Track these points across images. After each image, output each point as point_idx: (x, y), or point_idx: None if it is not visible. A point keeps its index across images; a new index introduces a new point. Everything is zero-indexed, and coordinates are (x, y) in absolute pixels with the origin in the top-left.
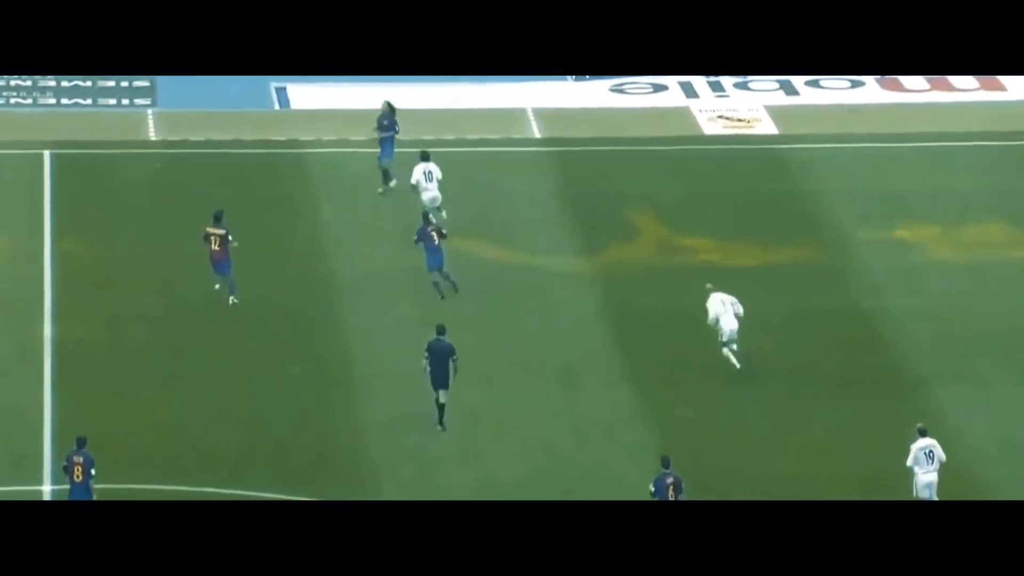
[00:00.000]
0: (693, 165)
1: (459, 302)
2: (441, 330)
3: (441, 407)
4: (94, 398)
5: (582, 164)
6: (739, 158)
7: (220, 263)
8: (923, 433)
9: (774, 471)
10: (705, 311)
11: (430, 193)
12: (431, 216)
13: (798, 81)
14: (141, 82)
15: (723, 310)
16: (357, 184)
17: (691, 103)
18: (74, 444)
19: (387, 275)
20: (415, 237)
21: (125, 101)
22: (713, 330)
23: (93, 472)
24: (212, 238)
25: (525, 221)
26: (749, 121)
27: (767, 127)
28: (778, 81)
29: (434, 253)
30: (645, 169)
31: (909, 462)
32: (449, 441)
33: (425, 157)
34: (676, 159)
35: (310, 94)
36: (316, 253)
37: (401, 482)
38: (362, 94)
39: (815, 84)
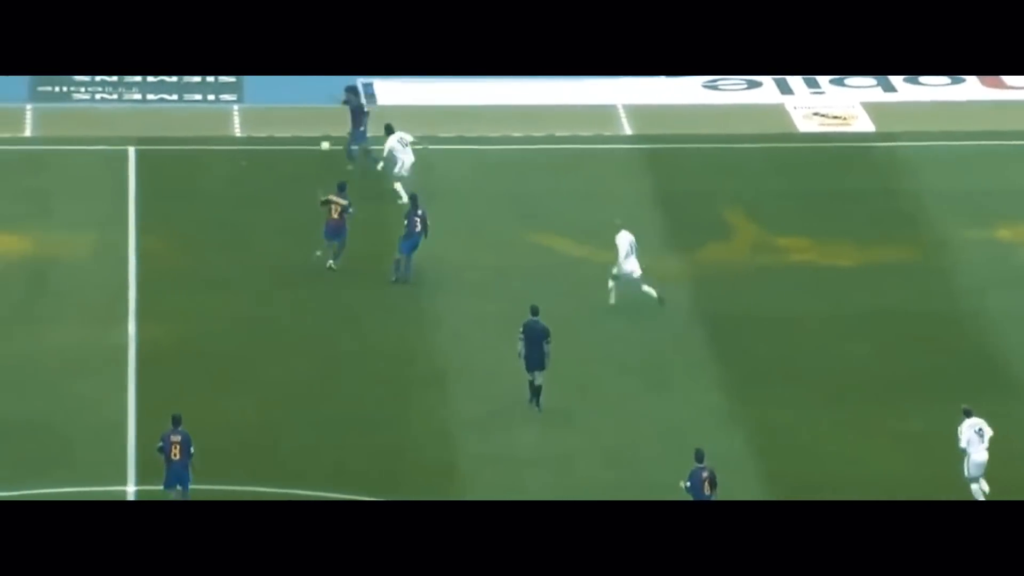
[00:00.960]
0: (788, 163)
1: (549, 302)
2: (535, 311)
3: (537, 389)
4: (177, 398)
5: (674, 162)
6: (835, 156)
7: (336, 230)
8: (968, 413)
9: (870, 474)
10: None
11: (410, 158)
12: (419, 201)
13: (896, 78)
14: (227, 78)
15: (631, 251)
16: (443, 180)
17: (786, 100)
18: (170, 423)
19: (472, 273)
20: (404, 220)
21: (211, 97)
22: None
23: (192, 451)
24: (333, 206)
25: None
26: (845, 118)
27: (864, 124)
28: (875, 78)
29: (412, 239)
30: (739, 167)
31: (963, 444)
32: (536, 443)
33: (390, 130)
34: (770, 157)
35: (396, 90)
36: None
37: (486, 484)
38: (449, 90)
39: (913, 81)
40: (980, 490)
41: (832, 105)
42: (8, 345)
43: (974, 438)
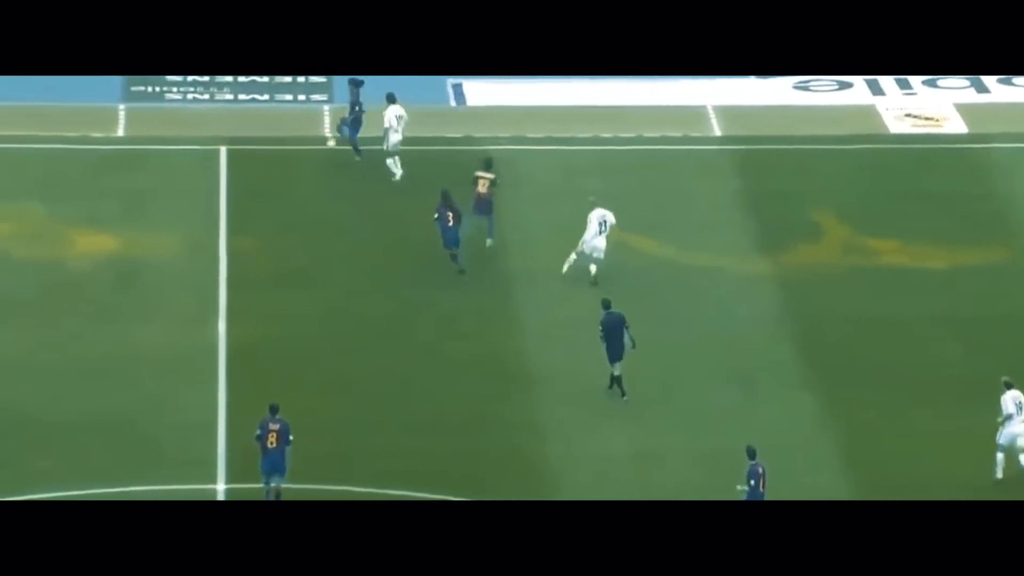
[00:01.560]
0: (879, 164)
1: (639, 303)
2: (607, 304)
3: (618, 379)
4: (267, 396)
5: (764, 163)
6: (927, 157)
7: (484, 205)
8: (1009, 385)
9: (960, 476)
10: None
11: (398, 136)
12: (449, 195)
13: (989, 79)
14: (318, 79)
15: (601, 230)
16: (533, 180)
17: (877, 101)
18: (267, 412)
19: (559, 273)
20: (435, 215)
21: (302, 97)
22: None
23: (290, 439)
24: (481, 181)
25: (705, 221)
26: (937, 119)
27: (956, 125)
28: (968, 79)
29: (450, 232)
30: (829, 168)
31: (1008, 410)
32: (626, 443)
33: (391, 100)
34: (861, 158)
35: (486, 91)
36: (492, 251)
37: (577, 484)
38: (538, 91)
39: (1007, 82)
40: (1003, 463)
41: (924, 106)
42: (100, 344)
43: (1015, 410)
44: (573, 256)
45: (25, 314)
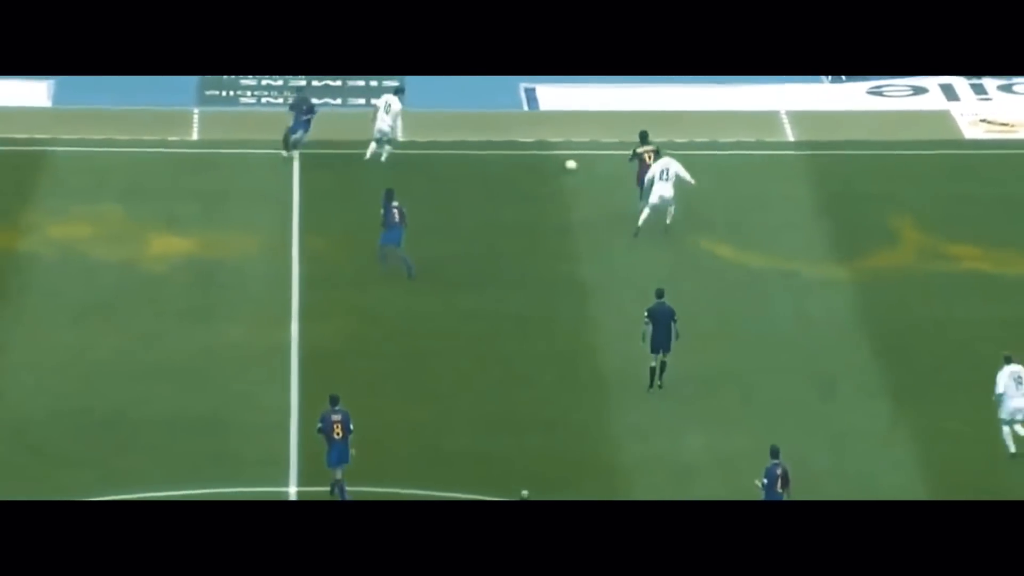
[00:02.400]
0: (954, 170)
1: (714, 308)
2: (660, 294)
3: (660, 368)
4: (341, 398)
5: (838, 168)
6: (1003, 163)
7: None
8: (1008, 360)
9: None
10: None
11: (385, 123)
12: (393, 194)
13: None
14: (390, 82)
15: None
16: (607, 185)
17: (952, 106)
18: (328, 403)
19: (637, 276)
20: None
21: (373, 101)
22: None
23: (352, 427)
24: (646, 154)
25: (780, 225)
26: (1013, 125)
27: None
28: None
29: (393, 231)
30: (904, 174)
31: (1000, 389)
32: (701, 448)
33: (398, 91)
34: (936, 164)
35: (559, 95)
36: (566, 254)
37: (651, 489)
38: (611, 95)
39: None
40: (1012, 434)
41: (999, 112)
42: (176, 344)
43: (1011, 384)
44: (646, 211)
45: (105, 315)
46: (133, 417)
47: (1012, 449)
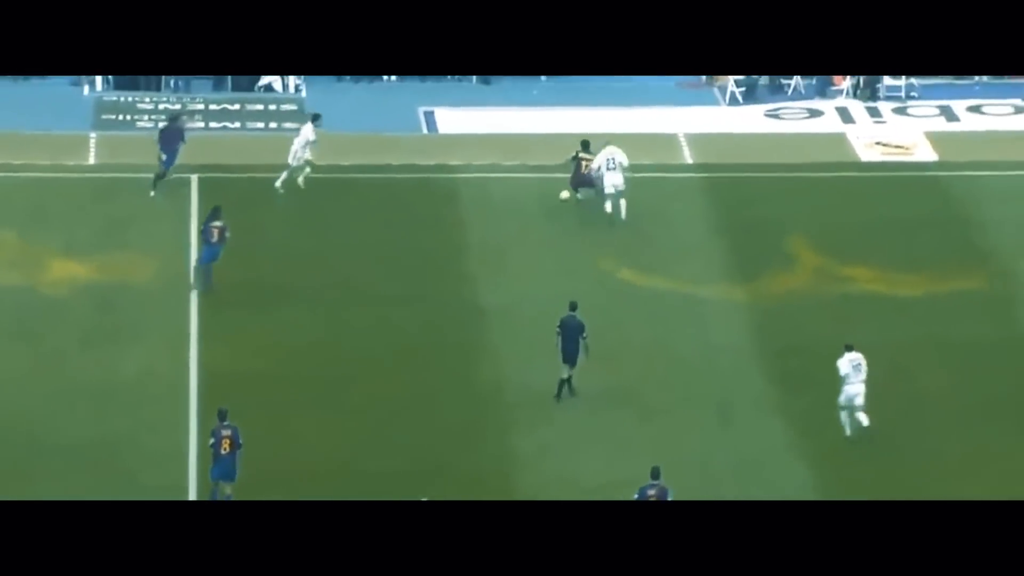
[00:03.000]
0: (850, 192)
1: (613, 329)
2: (573, 306)
3: (566, 381)
4: (241, 425)
5: (736, 191)
6: (898, 185)
7: (585, 178)
8: (849, 348)
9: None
10: None
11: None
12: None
13: (959, 107)
14: (288, 106)
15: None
16: (506, 208)
17: (847, 129)
18: (216, 418)
19: (536, 298)
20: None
21: (273, 125)
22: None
23: (241, 443)
24: (583, 162)
25: (679, 248)
26: (907, 147)
27: (926, 154)
28: (938, 107)
29: (210, 249)
30: (801, 196)
31: (842, 373)
32: (603, 470)
33: (314, 119)
34: (833, 186)
35: (458, 118)
36: (465, 276)
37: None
38: (510, 118)
39: (976, 110)
40: (848, 421)
41: (894, 135)
42: (75, 369)
43: (851, 371)
44: (608, 202)
45: (3, 341)
46: (32, 441)
47: (848, 432)
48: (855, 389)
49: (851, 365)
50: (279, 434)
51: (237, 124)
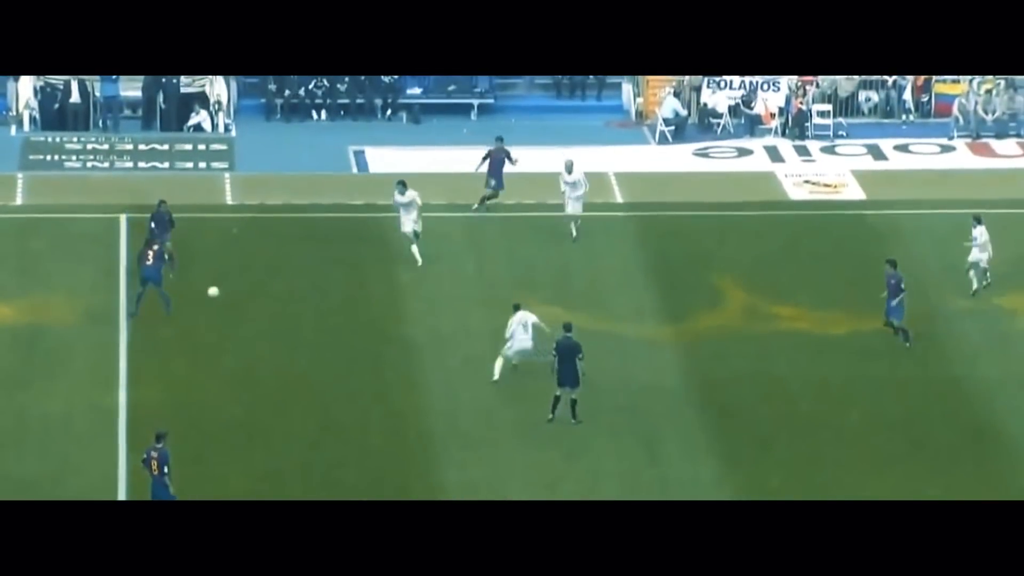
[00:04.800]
0: (779, 231)
1: (539, 368)
2: (568, 327)
3: (573, 403)
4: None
5: (665, 229)
6: (826, 224)
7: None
8: (516, 308)
9: None
10: None
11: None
12: (156, 232)
13: (886, 145)
14: (218, 145)
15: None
16: (436, 246)
17: (776, 168)
18: (153, 438)
19: (463, 337)
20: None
21: (202, 164)
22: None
23: (167, 469)
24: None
25: (608, 286)
26: (836, 186)
27: (854, 192)
28: (866, 146)
29: (148, 270)
30: (730, 235)
31: (507, 334)
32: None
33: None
34: (761, 224)
35: (388, 157)
36: (393, 315)
37: None
38: (439, 157)
39: (904, 149)
40: (503, 365)
41: (822, 173)
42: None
43: (519, 329)
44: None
45: None
46: None
47: (496, 377)
48: (522, 345)
49: (519, 324)
50: (205, 479)
51: (166, 164)
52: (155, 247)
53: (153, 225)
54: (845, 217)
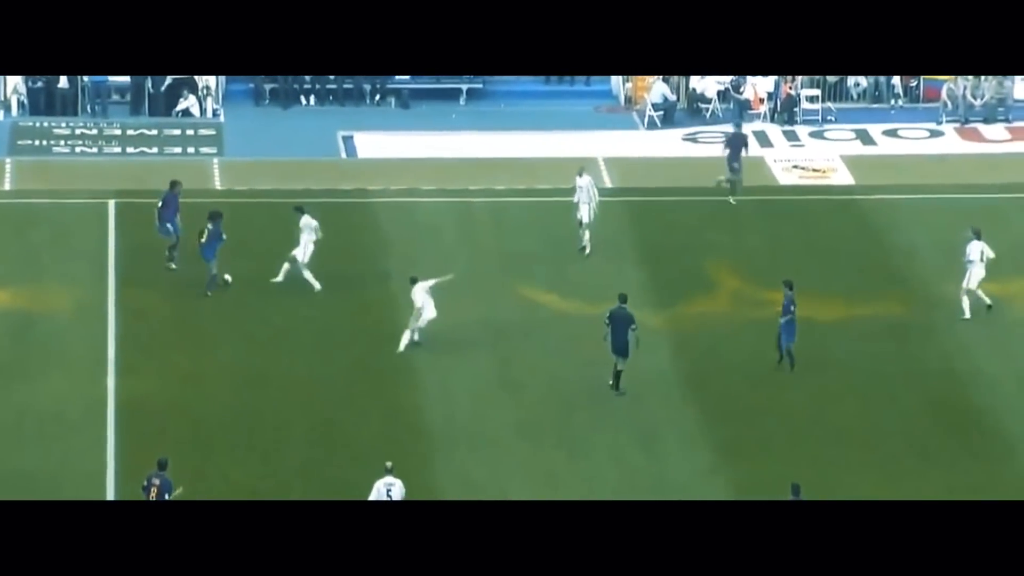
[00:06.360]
0: (768, 216)
1: (535, 356)
2: (623, 298)
3: (618, 374)
4: (157, 454)
5: (655, 214)
6: (815, 209)
7: None
8: (414, 281)
9: None
10: None
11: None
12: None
13: (875, 131)
14: (207, 130)
15: (427, 300)
16: (426, 233)
17: (765, 152)
18: (155, 466)
19: (456, 325)
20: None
21: (191, 150)
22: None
23: (167, 497)
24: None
25: (598, 272)
26: (825, 171)
27: (843, 177)
28: (854, 131)
29: (202, 248)
30: (719, 220)
31: (418, 304)
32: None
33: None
34: (751, 210)
35: (377, 143)
36: (385, 303)
37: None
38: (429, 143)
39: (893, 134)
40: (410, 335)
41: (811, 158)
42: None
43: (426, 299)
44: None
45: None
46: None
47: (401, 348)
48: (429, 315)
49: (425, 292)
50: (196, 474)
51: (155, 149)
52: (209, 227)
53: (160, 205)
54: (834, 202)
